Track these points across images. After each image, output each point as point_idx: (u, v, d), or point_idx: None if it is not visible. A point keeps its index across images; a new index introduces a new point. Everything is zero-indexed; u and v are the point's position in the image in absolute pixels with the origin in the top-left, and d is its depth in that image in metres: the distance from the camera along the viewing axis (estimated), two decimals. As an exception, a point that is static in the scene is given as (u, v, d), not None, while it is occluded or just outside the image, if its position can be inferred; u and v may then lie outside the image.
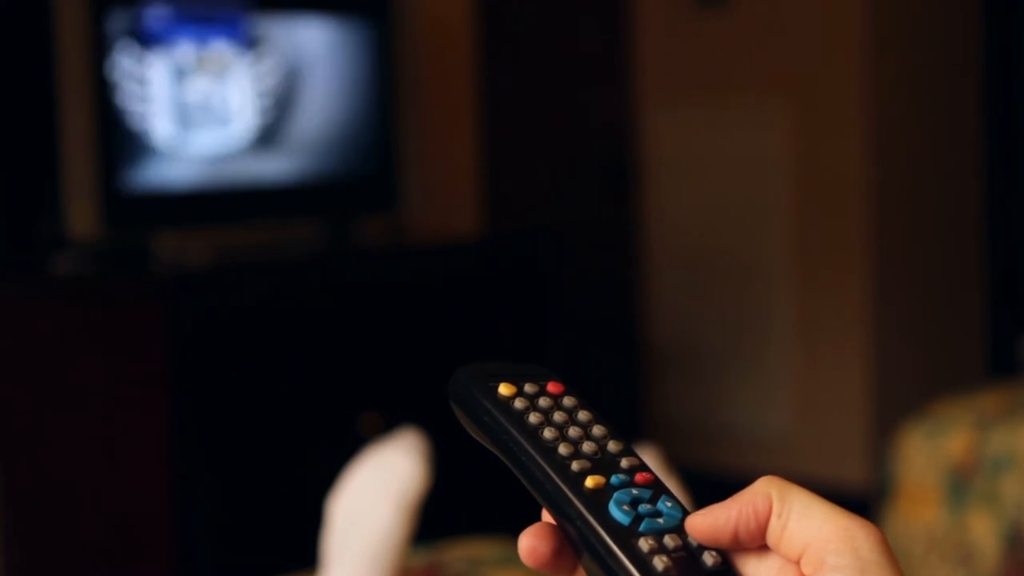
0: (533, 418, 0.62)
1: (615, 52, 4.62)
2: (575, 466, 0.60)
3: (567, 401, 0.64)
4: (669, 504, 0.60)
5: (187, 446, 2.73)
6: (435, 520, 2.17)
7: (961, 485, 2.79)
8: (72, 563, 2.91)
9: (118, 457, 2.80)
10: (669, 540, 0.58)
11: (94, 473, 2.84)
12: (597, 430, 0.62)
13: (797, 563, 0.56)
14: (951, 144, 4.43)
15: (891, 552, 0.55)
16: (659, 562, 0.56)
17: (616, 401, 4.59)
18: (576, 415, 0.63)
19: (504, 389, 0.63)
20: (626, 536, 0.57)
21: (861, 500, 3.40)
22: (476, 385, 0.63)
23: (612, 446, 0.62)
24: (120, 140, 2.90)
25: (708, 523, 0.58)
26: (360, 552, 1.73)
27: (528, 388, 0.63)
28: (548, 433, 0.61)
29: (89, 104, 2.83)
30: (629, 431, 4.29)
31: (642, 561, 0.57)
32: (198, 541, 2.75)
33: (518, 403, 0.62)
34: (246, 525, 2.84)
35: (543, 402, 0.63)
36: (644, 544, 0.57)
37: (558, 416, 0.63)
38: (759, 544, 0.58)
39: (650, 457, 1.81)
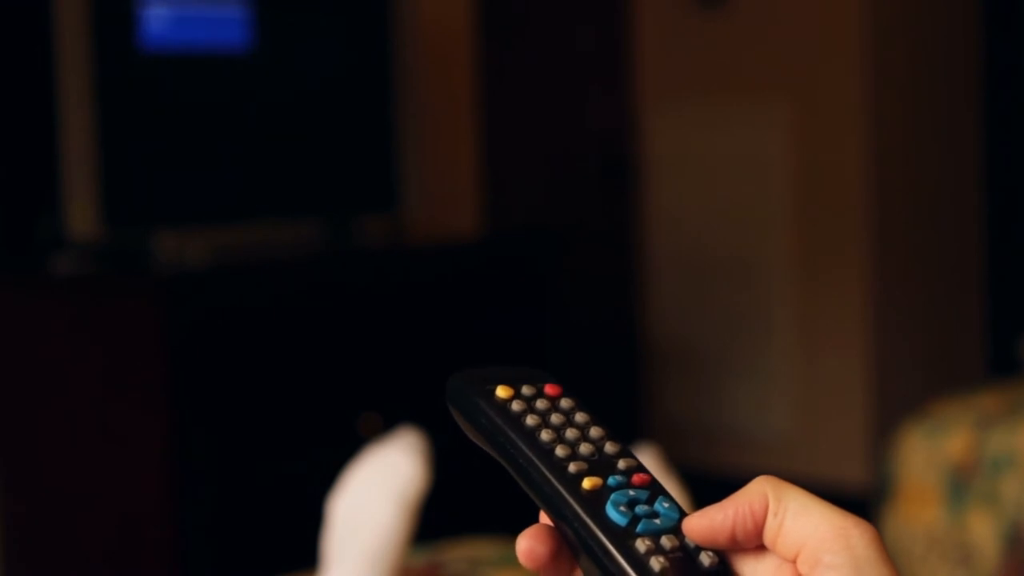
0: (530, 420, 0.62)
1: (614, 52, 4.62)
2: (572, 467, 0.60)
3: (564, 403, 0.63)
4: (666, 505, 0.60)
5: (187, 446, 2.73)
6: (435, 520, 2.17)
7: (961, 485, 2.79)
8: (72, 563, 2.91)
9: (118, 457, 2.80)
10: (666, 541, 0.58)
11: (94, 473, 2.84)
12: (594, 432, 0.62)
13: (793, 562, 0.56)
14: (951, 144, 4.43)
15: (886, 550, 0.56)
16: (656, 563, 0.57)
17: (616, 401, 4.59)
18: (573, 417, 0.63)
19: (501, 391, 0.63)
20: (623, 537, 0.57)
21: (861, 500, 3.40)
22: (473, 388, 0.63)
23: (609, 447, 0.62)
24: (120, 140, 2.90)
25: (705, 524, 0.58)
26: (360, 552, 1.73)
27: (525, 390, 0.63)
28: (545, 435, 0.61)
29: (89, 104, 2.83)
30: (629, 431, 4.29)
31: (639, 562, 0.57)
32: (198, 541, 2.75)
33: (515, 405, 0.62)
34: (246, 525, 2.84)
35: (540, 404, 0.63)
36: (641, 545, 0.57)
37: (555, 418, 0.62)
38: (756, 544, 0.58)
39: (649, 457, 1.81)
